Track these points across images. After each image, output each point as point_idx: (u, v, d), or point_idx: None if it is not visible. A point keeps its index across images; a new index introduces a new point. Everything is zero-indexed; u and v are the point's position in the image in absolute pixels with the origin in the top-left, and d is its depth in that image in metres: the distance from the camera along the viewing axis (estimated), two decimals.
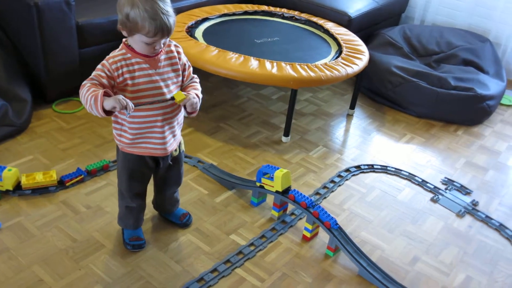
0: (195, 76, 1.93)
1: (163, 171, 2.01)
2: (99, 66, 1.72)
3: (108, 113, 1.66)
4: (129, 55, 1.73)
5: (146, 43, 1.67)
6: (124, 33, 1.70)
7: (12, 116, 2.65)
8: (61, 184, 2.37)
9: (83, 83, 1.69)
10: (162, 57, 1.79)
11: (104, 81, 1.69)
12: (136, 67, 1.73)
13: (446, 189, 2.67)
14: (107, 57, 1.74)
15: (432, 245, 2.29)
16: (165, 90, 1.78)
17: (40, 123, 2.82)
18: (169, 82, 1.80)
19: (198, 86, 1.90)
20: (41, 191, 2.31)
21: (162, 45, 1.72)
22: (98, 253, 2.04)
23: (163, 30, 1.64)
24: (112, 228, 2.16)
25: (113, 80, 1.72)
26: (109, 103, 1.61)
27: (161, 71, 1.78)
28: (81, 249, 2.05)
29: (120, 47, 1.76)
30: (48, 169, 2.47)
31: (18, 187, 2.30)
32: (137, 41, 1.69)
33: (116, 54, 1.74)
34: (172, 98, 1.76)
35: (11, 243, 2.03)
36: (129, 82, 1.73)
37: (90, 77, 1.70)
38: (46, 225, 2.14)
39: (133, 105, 1.65)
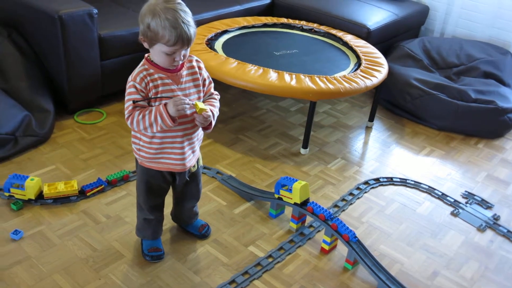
0: (216, 93, 1.93)
1: (181, 186, 2.03)
2: (130, 90, 1.73)
3: (175, 119, 1.73)
4: (151, 70, 1.75)
5: (166, 53, 1.68)
6: (145, 44, 1.73)
7: (35, 126, 2.70)
8: (82, 193, 2.40)
9: (128, 116, 1.73)
10: (184, 72, 1.80)
11: (143, 102, 1.73)
12: (159, 82, 1.75)
13: (466, 203, 2.65)
14: (132, 76, 1.75)
15: (452, 260, 2.26)
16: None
17: (62, 133, 2.87)
18: (192, 97, 1.81)
19: (216, 103, 1.90)
20: (62, 200, 2.34)
21: (182, 57, 1.73)
22: (118, 262, 2.06)
23: (183, 39, 1.65)
24: (132, 238, 2.18)
25: (146, 96, 1.75)
26: (172, 110, 1.68)
27: (183, 86, 1.80)
28: (101, 258, 2.07)
29: (141, 62, 1.78)
30: (69, 179, 2.50)
31: (40, 196, 2.33)
32: (158, 52, 1.70)
33: (139, 70, 1.75)
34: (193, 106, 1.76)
35: (33, 251, 2.06)
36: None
37: (129, 105, 1.72)
38: (67, 234, 2.17)
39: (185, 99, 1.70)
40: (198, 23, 3.37)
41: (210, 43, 3.17)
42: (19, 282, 1.92)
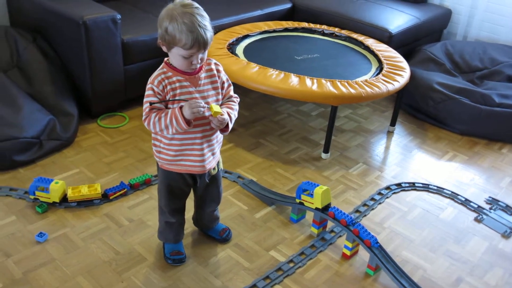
0: (235, 95, 1.94)
1: (201, 189, 2.04)
2: (148, 92, 1.77)
3: (190, 123, 1.74)
4: (170, 73, 1.77)
5: (184, 56, 1.71)
6: (164, 48, 1.76)
7: (59, 130, 2.74)
8: (105, 197, 2.43)
9: (145, 117, 1.76)
10: (203, 75, 1.82)
11: (160, 104, 1.76)
12: (177, 84, 1.77)
13: (490, 208, 2.61)
14: (151, 78, 1.78)
15: (476, 266, 2.23)
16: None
17: (85, 137, 2.90)
18: (210, 100, 1.83)
19: (235, 106, 1.91)
20: (86, 203, 2.37)
21: (199, 61, 1.75)
22: (140, 266, 2.07)
23: (200, 43, 1.67)
24: (154, 242, 2.19)
25: (163, 99, 1.77)
26: (187, 113, 1.70)
27: (201, 89, 1.81)
28: (124, 261, 2.09)
29: (161, 66, 1.81)
30: (92, 182, 2.53)
31: (64, 199, 2.37)
32: (175, 56, 1.73)
33: (157, 73, 1.79)
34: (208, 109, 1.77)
35: (57, 253, 2.09)
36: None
37: (146, 107, 1.75)
38: (90, 237, 2.20)
39: (200, 102, 1.72)
40: (219, 28, 3.40)
41: (231, 47, 3.18)
42: (43, 284, 1.95)
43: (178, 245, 2.13)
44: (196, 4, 1.72)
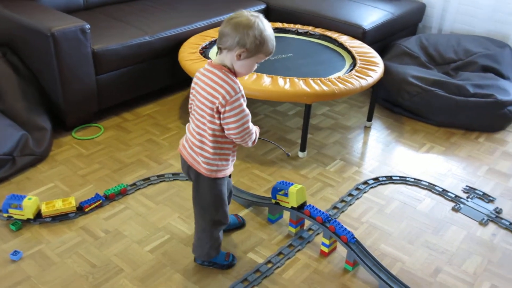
0: None
1: None
2: (242, 101, 1.74)
3: None
4: (238, 83, 1.77)
5: (258, 62, 1.77)
6: (239, 57, 1.72)
7: (32, 145, 2.71)
8: (80, 210, 2.40)
9: (251, 129, 1.81)
10: None
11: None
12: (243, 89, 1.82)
13: (468, 197, 2.61)
14: (235, 89, 1.73)
15: (454, 255, 2.23)
16: None
17: (60, 150, 2.88)
18: None
19: None
20: (61, 218, 2.34)
21: None
22: (117, 277, 2.05)
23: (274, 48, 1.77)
24: (131, 252, 2.17)
25: None
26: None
27: None
28: (101, 274, 2.06)
29: (229, 76, 1.75)
30: (68, 196, 2.51)
31: (38, 215, 2.33)
32: (251, 63, 1.75)
33: (238, 82, 1.76)
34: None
35: (33, 271, 2.06)
36: None
37: (249, 117, 1.79)
38: (66, 252, 2.17)
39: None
40: (192, 33, 3.38)
41: (204, 51, 3.17)
42: None
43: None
44: None
